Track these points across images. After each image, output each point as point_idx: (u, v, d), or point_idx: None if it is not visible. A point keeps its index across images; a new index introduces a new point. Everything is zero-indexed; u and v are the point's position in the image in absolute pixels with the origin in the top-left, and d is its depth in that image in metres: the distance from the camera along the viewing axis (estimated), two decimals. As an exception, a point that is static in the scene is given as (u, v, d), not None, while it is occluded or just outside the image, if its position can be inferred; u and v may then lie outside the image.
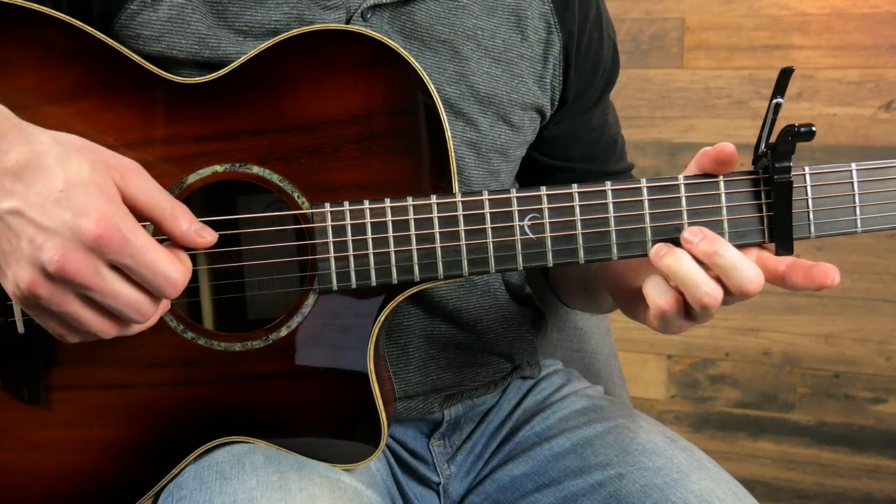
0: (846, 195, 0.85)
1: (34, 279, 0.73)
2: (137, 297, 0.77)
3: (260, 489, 0.84)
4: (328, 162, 0.87)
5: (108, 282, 0.75)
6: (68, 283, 0.74)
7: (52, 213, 0.72)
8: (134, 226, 0.75)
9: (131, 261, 0.74)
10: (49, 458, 0.91)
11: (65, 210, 0.72)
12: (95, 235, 0.72)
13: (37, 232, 0.72)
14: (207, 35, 0.93)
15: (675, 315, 0.84)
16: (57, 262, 0.72)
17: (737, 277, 0.81)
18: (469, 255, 0.86)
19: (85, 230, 0.72)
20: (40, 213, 0.72)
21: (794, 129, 0.80)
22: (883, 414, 2.30)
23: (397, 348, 1.05)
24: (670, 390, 2.47)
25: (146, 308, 0.78)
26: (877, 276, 2.26)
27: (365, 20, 0.96)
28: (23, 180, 0.73)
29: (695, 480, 0.96)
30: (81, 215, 0.72)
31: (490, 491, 1.10)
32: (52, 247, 0.72)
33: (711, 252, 0.81)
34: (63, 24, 0.86)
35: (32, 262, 0.73)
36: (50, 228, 0.72)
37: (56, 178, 0.73)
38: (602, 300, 1.11)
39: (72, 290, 0.75)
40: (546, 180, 1.02)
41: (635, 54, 2.37)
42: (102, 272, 0.74)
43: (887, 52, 2.19)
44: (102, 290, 0.75)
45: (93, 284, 0.74)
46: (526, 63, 1.04)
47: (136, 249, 0.74)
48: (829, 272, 0.80)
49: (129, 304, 0.76)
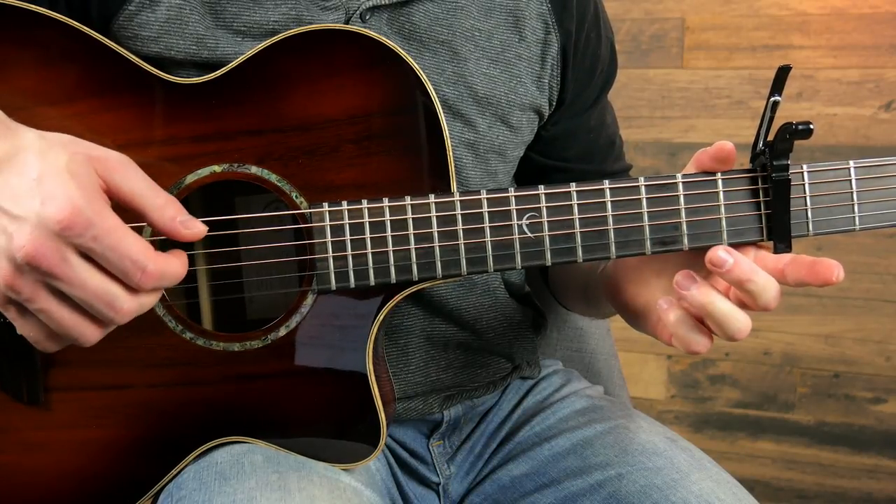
0: (844, 193, 0.85)
1: (7, 271, 0.72)
2: (108, 286, 0.74)
3: (259, 489, 0.84)
4: (326, 162, 0.87)
5: (76, 269, 0.72)
6: (36, 271, 0.72)
7: (22, 202, 0.71)
8: (101, 209, 0.73)
9: (95, 244, 0.72)
10: (48, 459, 0.91)
11: (34, 199, 0.71)
12: (59, 220, 0.70)
13: (9, 221, 0.71)
14: (205, 35, 0.93)
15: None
16: (24, 250, 0.70)
17: (764, 298, 0.81)
18: (467, 255, 0.86)
19: (50, 216, 0.71)
20: (12, 203, 0.72)
21: (793, 127, 0.80)
22: (883, 414, 2.30)
23: (397, 349, 1.05)
24: (670, 390, 2.46)
25: (120, 301, 0.75)
26: (877, 276, 2.26)
27: (363, 21, 0.96)
28: (1, 174, 0.73)
29: (695, 481, 0.96)
30: (48, 202, 0.71)
31: (490, 491, 1.10)
32: (21, 235, 0.71)
33: (746, 280, 0.80)
34: (60, 24, 0.86)
35: (6, 253, 0.72)
36: (20, 217, 0.71)
37: (32, 170, 0.72)
38: (603, 309, 1.11)
39: (42, 282, 0.73)
40: (544, 180, 1.01)
41: (635, 54, 2.37)
42: (70, 259, 0.72)
43: (887, 52, 2.19)
44: (70, 279, 0.72)
45: (59, 272, 0.72)
46: (524, 63, 1.04)
47: (100, 231, 0.72)
48: (832, 268, 0.79)
49: (99, 294, 0.74)
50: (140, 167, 0.78)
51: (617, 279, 0.97)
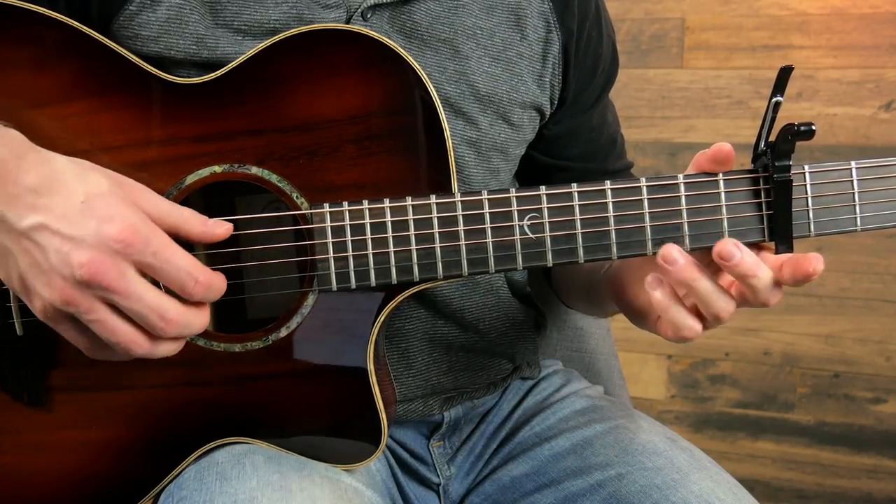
0: (846, 194, 0.85)
1: (64, 288, 0.75)
2: (162, 300, 0.77)
3: (260, 489, 0.84)
4: (327, 162, 0.87)
5: (134, 284, 0.76)
6: (97, 288, 0.75)
7: (77, 222, 0.75)
8: (154, 228, 0.77)
9: (154, 259, 0.76)
10: (49, 460, 0.91)
11: (89, 219, 0.75)
12: (120, 239, 0.74)
13: (63, 242, 0.74)
14: (206, 35, 0.92)
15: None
16: (85, 268, 0.74)
17: (765, 295, 0.81)
18: (468, 255, 0.86)
19: (110, 235, 0.74)
20: (65, 224, 0.75)
21: (794, 128, 0.80)
22: (883, 414, 2.30)
23: (399, 352, 1.05)
24: (670, 390, 2.46)
25: (172, 313, 0.78)
26: (877, 276, 2.26)
27: (365, 20, 0.96)
28: (44, 196, 0.75)
29: (695, 480, 0.96)
30: (106, 222, 0.75)
31: (490, 491, 1.10)
32: (80, 254, 0.74)
33: (751, 275, 0.80)
34: (60, 24, 0.86)
35: (61, 271, 0.74)
36: (76, 237, 0.74)
37: (76, 192, 0.76)
38: (606, 308, 1.11)
39: (100, 297, 0.76)
40: (546, 179, 1.02)
41: (635, 54, 2.37)
42: (128, 275, 0.76)
43: (887, 52, 2.19)
44: (128, 293, 0.75)
45: (119, 287, 0.75)
46: (525, 62, 1.04)
47: (158, 248, 0.76)
48: (811, 259, 0.80)
49: (154, 307, 0.77)
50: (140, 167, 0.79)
51: (620, 279, 0.97)
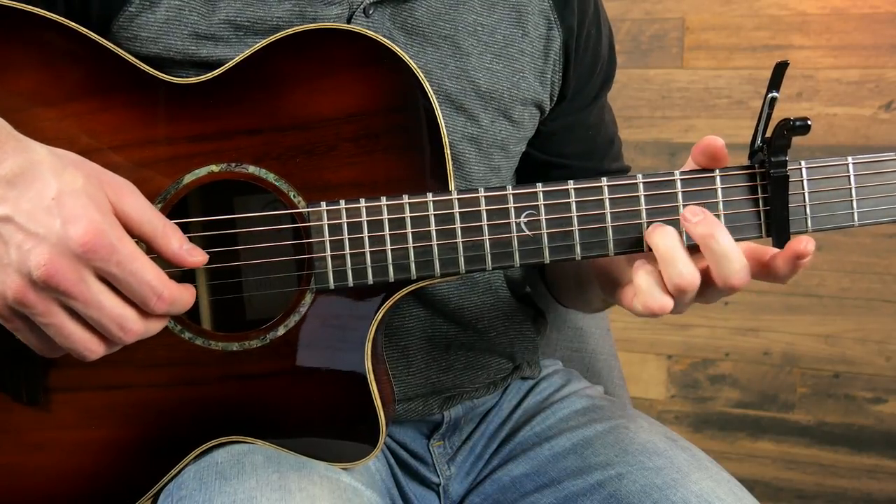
0: (843, 189, 0.85)
1: (20, 286, 0.72)
2: (122, 310, 0.76)
3: (259, 489, 0.84)
4: (324, 161, 0.87)
5: (93, 291, 0.74)
6: (53, 290, 0.72)
7: (42, 220, 0.72)
8: (122, 235, 0.75)
9: (118, 269, 0.74)
10: (49, 460, 0.91)
11: (54, 217, 0.72)
12: (83, 242, 0.72)
13: (25, 238, 0.72)
14: (205, 34, 0.92)
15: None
16: (43, 268, 0.71)
17: (726, 267, 0.81)
18: (466, 253, 0.86)
19: (73, 237, 0.72)
20: (30, 220, 0.72)
21: (790, 123, 0.80)
22: (883, 414, 2.30)
23: (398, 351, 1.05)
24: (670, 390, 2.46)
25: (131, 323, 0.76)
26: (877, 276, 2.26)
27: (367, 16, 0.96)
28: (16, 188, 0.73)
29: (695, 480, 0.96)
30: (70, 222, 0.72)
31: (490, 491, 1.10)
32: (39, 253, 0.71)
33: (707, 234, 0.81)
34: (57, 24, 0.86)
35: (19, 268, 0.72)
36: (38, 235, 0.72)
37: (49, 187, 0.73)
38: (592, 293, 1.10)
39: (57, 299, 0.74)
40: (543, 177, 1.02)
41: (635, 54, 2.37)
42: (88, 280, 0.73)
43: (887, 52, 2.19)
44: (87, 300, 0.73)
45: (77, 293, 0.73)
46: (527, 59, 1.04)
47: (123, 257, 0.74)
48: (801, 239, 0.80)
49: (113, 316, 0.75)
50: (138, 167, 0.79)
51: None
